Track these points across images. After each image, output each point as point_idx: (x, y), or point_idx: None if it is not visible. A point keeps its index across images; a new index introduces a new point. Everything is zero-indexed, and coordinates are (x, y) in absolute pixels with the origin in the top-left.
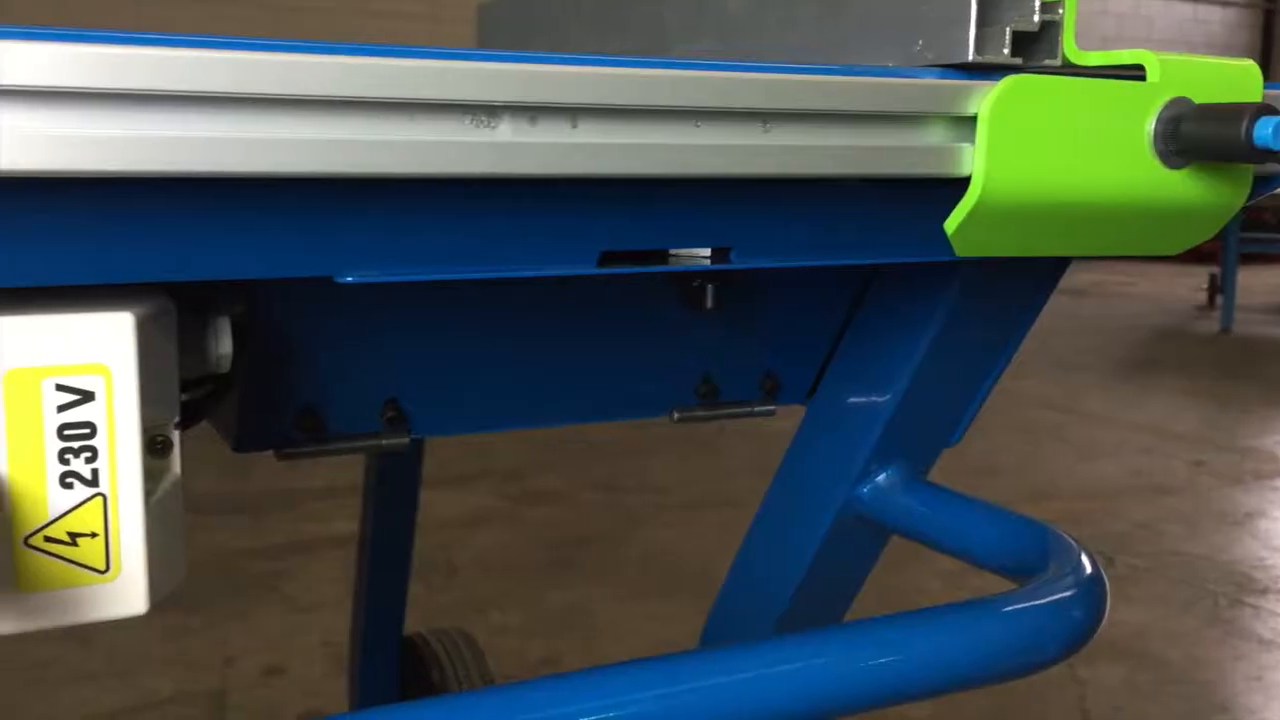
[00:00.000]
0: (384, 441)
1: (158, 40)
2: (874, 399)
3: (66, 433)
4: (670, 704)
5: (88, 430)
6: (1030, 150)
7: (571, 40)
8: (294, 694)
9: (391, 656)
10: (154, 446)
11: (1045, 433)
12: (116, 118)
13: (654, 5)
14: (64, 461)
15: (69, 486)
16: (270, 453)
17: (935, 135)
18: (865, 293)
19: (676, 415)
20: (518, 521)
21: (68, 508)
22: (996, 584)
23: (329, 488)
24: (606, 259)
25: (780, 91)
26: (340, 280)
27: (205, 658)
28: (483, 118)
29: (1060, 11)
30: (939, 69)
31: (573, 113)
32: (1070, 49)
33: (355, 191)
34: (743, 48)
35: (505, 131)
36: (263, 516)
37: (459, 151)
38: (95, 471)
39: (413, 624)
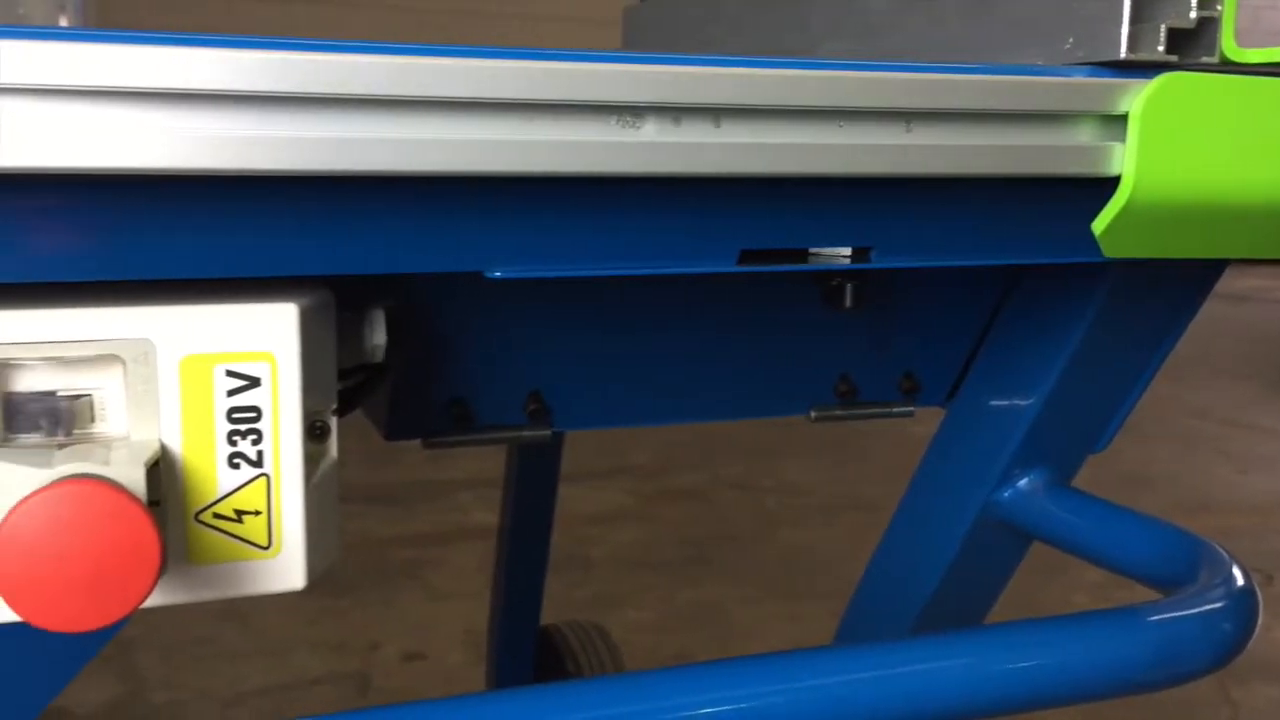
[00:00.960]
0: (526, 433)
1: (318, 46)
2: (1017, 402)
3: (235, 416)
4: (799, 698)
5: (254, 414)
6: (1184, 149)
7: (715, 41)
8: (434, 680)
9: (528, 647)
10: (313, 431)
11: (1202, 443)
12: (284, 120)
13: (798, 5)
14: (232, 443)
15: (236, 467)
16: (417, 442)
17: (1084, 134)
18: (1009, 293)
19: (814, 414)
20: (653, 519)
21: (234, 486)
22: (1146, 599)
23: (472, 480)
24: (746, 257)
25: (924, 91)
26: (489, 275)
27: (351, 641)
28: (628, 118)
29: (1219, 8)
30: (1089, 67)
31: (716, 113)
32: (1229, 46)
33: (505, 190)
34: (888, 46)
35: (650, 131)
36: (408, 506)
37: (605, 151)
38: (260, 453)
39: (549, 616)
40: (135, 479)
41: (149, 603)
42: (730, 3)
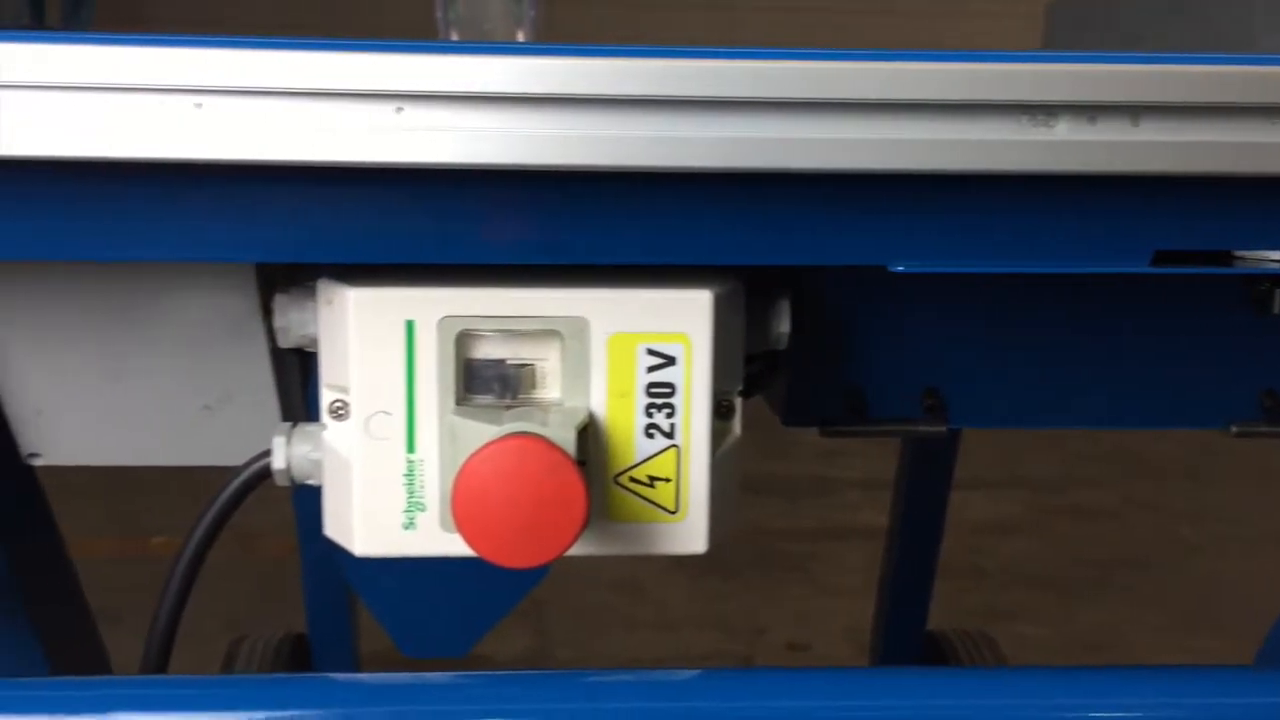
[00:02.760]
0: (922, 428)
1: (740, 54)
2: None
3: (652, 390)
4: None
5: (668, 390)
6: None
7: (1143, 36)
8: None
9: (913, 648)
10: (720, 409)
11: None
12: (709, 122)
13: None
14: (649, 415)
15: (651, 436)
16: (807, 438)
17: None
18: None
19: (1234, 429)
20: (1052, 534)
21: (649, 454)
22: None
23: (862, 480)
24: (1161, 258)
25: None
26: (892, 269)
27: (738, 624)
28: (1041, 117)
29: None
30: None
31: (1134, 110)
32: None
33: (913, 186)
34: None
35: (1063, 130)
36: (797, 500)
37: (1016, 150)
38: (673, 426)
39: (936, 621)
40: (568, 440)
41: (572, 551)
42: None
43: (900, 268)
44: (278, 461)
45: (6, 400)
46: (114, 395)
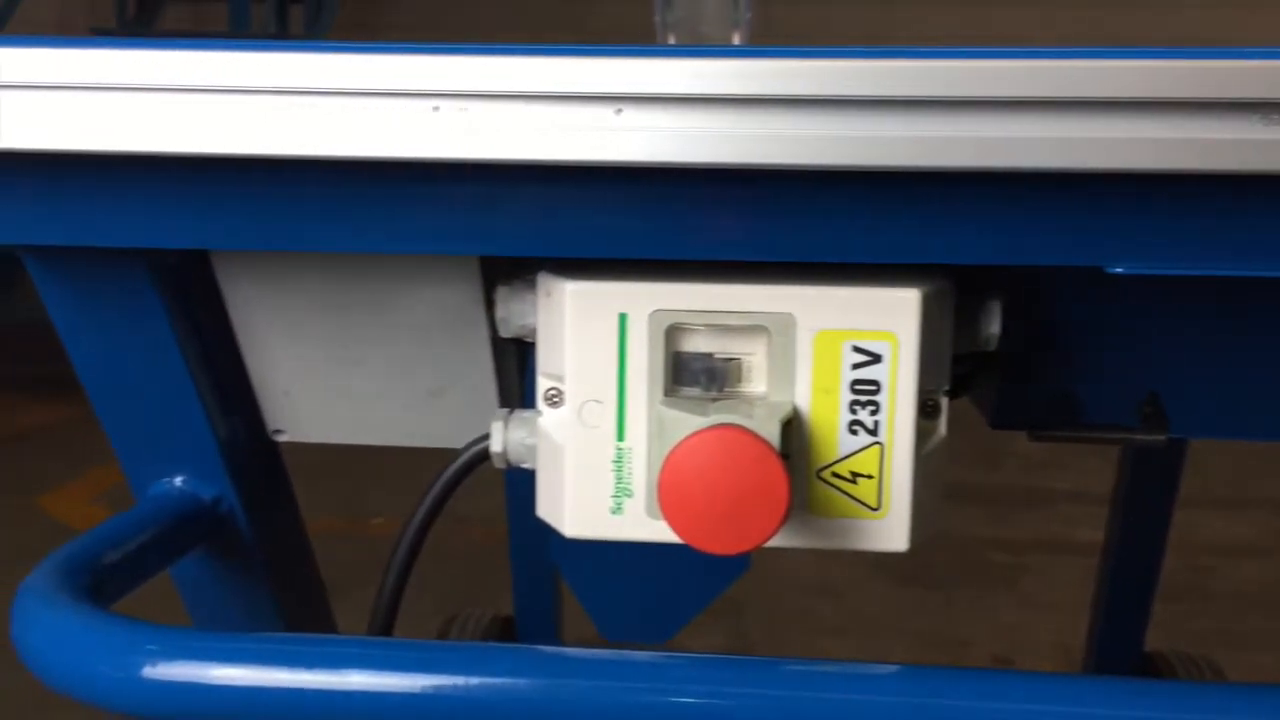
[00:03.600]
0: (1139, 436)
1: (962, 53)
2: None
3: (857, 388)
4: None
5: (873, 387)
6: None
7: None
8: None
9: (1128, 669)
10: (925, 408)
11: None
12: (920, 120)
13: None
14: (853, 412)
15: (855, 433)
16: (1016, 448)
17: None
18: None
19: None
20: None
21: (852, 450)
22: None
23: (1077, 492)
24: None
25: None
26: (1109, 270)
27: (941, 635)
28: (1274, 116)
29: None
30: None
31: None
32: None
33: (1132, 187)
34: None
35: None
36: (1007, 510)
37: (1244, 149)
38: (876, 423)
39: (1154, 644)
40: (772, 433)
41: (773, 542)
42: None
43: (1118, 269)
44: (495, 445)
45: (256, 381)
46: (352, 378)
